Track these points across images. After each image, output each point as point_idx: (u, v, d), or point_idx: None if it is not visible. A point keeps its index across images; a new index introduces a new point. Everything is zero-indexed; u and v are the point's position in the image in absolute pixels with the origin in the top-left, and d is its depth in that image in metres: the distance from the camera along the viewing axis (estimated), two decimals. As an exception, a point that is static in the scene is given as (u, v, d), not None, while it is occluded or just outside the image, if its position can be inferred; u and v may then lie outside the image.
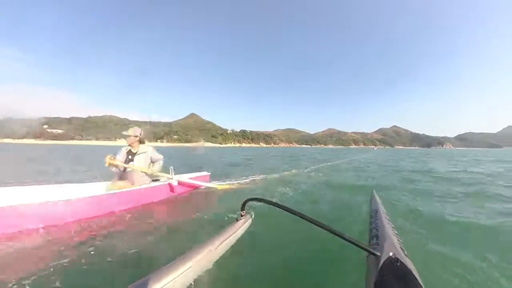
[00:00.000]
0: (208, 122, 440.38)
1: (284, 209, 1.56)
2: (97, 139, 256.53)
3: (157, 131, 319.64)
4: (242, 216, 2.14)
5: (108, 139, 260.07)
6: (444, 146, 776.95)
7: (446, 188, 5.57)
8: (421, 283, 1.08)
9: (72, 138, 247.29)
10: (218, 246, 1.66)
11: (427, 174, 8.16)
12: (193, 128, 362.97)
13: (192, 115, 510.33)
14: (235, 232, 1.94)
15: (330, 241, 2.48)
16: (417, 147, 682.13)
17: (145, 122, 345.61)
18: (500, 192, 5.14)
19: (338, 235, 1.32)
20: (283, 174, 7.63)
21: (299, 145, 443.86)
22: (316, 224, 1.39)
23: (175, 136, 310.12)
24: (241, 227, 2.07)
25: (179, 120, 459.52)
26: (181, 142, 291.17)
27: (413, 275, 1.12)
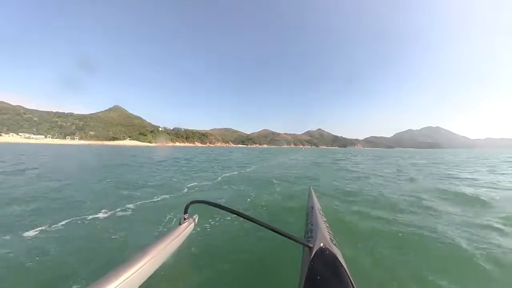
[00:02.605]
0: (136, 117, 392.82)
1: (227, 210, 1.65)
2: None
3: (66, 125, 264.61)
4: (185, 219, 2.14)
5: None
6: (356, 147, 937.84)
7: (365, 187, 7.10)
8: (345, 267, 1.31)
9: None
10: (161, 251, 1.65)
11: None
12: (116, 123, 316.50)
13: (116, 107, 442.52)
14: (178, 236, 1.93)
15: (271, 237, 2.76)
16: (336, 147, 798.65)
17: (49, 113, 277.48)
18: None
19: (277, 232, 1.49)
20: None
21: (235, 145, 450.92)
22: (257, 223, 1.53)
23: (92, 132, 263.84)
24: (185, 230, 2.07)
25: (98, 112, 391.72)
26: (100, 139, 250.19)
27: (339, 261, 1.36)
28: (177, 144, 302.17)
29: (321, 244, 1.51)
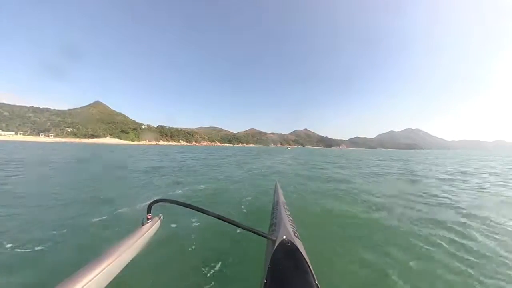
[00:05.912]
0: (118, 114, 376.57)
1: (193, 209, 1.65)
2: None
3: (40, 121, 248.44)
4: (148, 219, 2.04)
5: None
6: (340, 147, 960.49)
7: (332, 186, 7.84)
8: (305, 257, 1.43)
9: None
10: (121, 254, 1.57)
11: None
12: (97, 119, 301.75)
13: (97, 103, 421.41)
14: (141, 237, 1.84)
15: (237, 233, 2.95)
16: (321, 147, 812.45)
17: (22, 107, 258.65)
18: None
19: (243, 227, 1.58)
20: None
21: (222, 144, 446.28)
22: (223, 220, 1.58)
23: (69, 129, 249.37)
24: (148, 230, 1.97)
25: (77, 108, 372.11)
26: (78, 137, 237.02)
27: (300, 251, 1.47)
28: (161, 142, 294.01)
29: (284, 237, 1.59)
